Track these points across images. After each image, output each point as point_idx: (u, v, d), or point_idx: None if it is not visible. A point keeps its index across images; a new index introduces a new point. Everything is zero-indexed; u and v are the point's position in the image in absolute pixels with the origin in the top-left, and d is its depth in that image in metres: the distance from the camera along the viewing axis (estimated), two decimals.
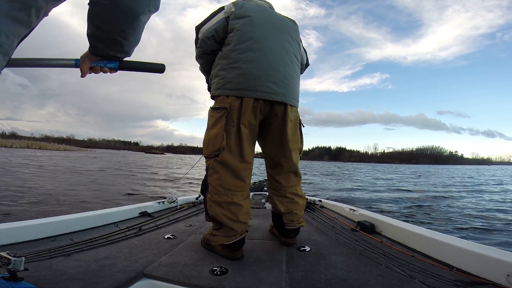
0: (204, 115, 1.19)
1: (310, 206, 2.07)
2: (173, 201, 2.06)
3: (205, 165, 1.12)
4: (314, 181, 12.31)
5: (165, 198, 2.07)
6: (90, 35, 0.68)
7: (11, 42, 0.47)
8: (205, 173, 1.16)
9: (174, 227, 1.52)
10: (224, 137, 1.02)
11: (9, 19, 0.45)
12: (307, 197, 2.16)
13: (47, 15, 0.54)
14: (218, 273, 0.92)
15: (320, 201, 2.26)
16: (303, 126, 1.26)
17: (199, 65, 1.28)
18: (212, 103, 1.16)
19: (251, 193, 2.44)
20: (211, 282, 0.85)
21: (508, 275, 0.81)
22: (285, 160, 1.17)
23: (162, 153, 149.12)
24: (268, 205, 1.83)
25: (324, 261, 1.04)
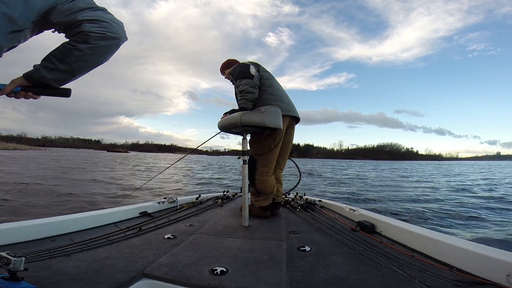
0: (171, 111, 1.26)
1: (310, 206, 2.07)
2: (173, 201, 2.06)
3: (254, 157, 1.85)
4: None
5: (165, 198, 2.07)
6: (45, 67, 0.71)
7: None
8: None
9: (174, 227, 1.52)
10: (271, 144, 1.79)
11: None
12: (306, 197, 2.44)
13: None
14: (218, 273, 0.91)
15: (320, 201, 2.26)
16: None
17: (249, 93, 1.75)
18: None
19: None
20: (211, 282, 0.85)
21: (508, 275, 0.81)
22: (285, 155, 1.98)
23: (126, 152, 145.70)
24: None
25: (324, 261, 1.04)
